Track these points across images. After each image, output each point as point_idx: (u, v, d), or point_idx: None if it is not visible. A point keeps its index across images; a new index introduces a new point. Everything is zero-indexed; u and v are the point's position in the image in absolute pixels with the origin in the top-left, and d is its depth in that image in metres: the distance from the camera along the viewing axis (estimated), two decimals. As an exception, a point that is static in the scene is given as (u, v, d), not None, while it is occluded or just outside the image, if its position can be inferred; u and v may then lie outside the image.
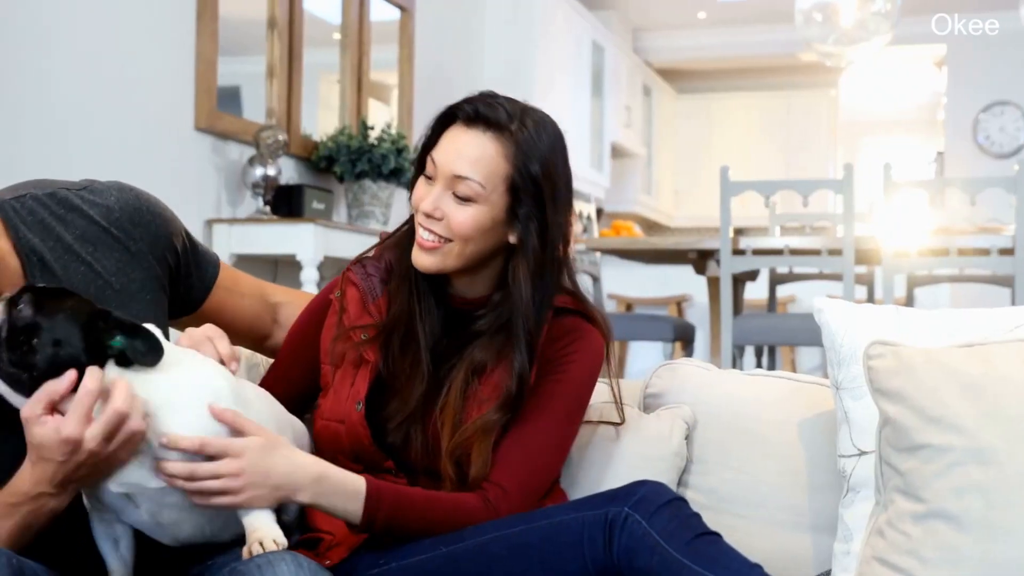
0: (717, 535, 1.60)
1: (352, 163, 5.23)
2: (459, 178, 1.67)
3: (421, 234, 1.71)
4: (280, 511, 1.62)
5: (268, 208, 4.68)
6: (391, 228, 1.86)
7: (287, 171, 5.06)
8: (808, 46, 6.37)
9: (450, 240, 1.69)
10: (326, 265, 4.76)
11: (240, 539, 1.54)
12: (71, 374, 1.42)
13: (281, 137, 4.74)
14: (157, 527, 1.55)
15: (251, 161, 4.68)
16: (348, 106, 5.71)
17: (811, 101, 11.23)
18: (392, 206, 5.50)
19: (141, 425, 1.44)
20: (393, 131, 5.51)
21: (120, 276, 1.66)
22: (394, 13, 6.24)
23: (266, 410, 1.67)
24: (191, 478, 1.48)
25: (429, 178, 1.72)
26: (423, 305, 1.77)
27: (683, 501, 1.62)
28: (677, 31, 10.50)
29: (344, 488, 1.59)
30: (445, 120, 1.74)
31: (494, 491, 1.67)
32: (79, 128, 3.87)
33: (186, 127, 4.41)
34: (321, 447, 1.76)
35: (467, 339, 1.76)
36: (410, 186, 1.78)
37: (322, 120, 5.68)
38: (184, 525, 1.56)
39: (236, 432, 1.52)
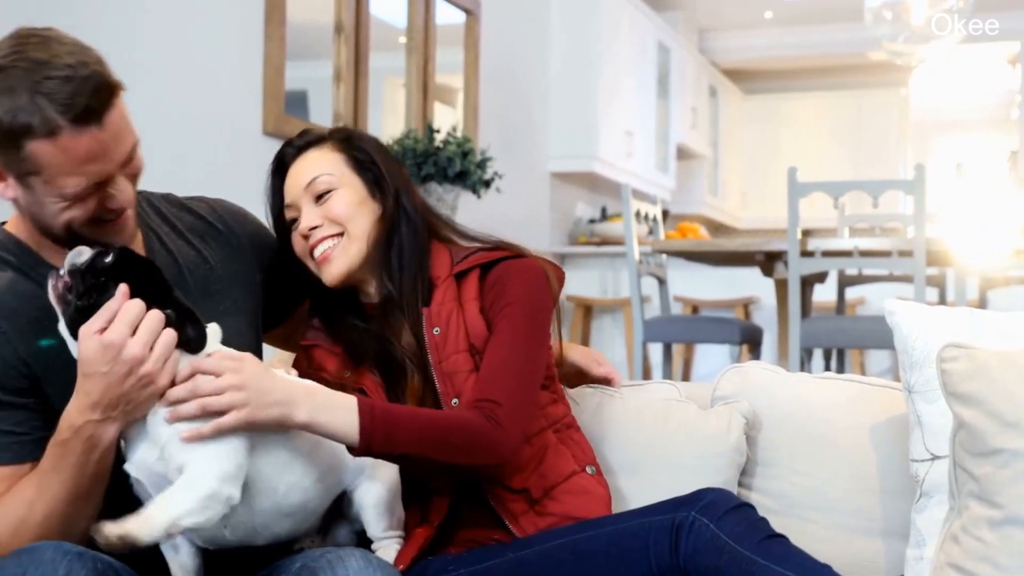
0: (785, 537, 1.59)
1: (418, 166, 5.25)
2: (311, 183, 1.81)
3: (317, 252, 1.81)
4: (343, 507, 1.65)
5: (335, 211, 4.72)
6: None
7: (354, 174, 5.09)
8: (878, 45, 6.29)
9: (340, 233, 1.80)
10: (392, 268, 4.79)
11: (278, 546, 1.59)
12: (124, 289, 1.50)
13: (348, 141, 4.78)
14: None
15: (318, 165, 4.72)
16: (414, 109, 5.74)
17: (881, 100, 11.08)
18: (458, 209, 5.52)
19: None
20: (459, 134, 5.52)
21: (224, 265, 1.79)
22: (459, 16, 6.26)
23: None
24: (195, 395, 1.50)
25: (295, 222, 1.84)
26: (354, 327, 1.86)
27: (750, 507, 1.62)
28: (743, 31, 10.42)
29: (337, 401, 1.59)
30: (277, 172, 1.88)
31: (486, 406, 1.68)
32: (150, 133, 3.91)
33: (254, 132, 4.46)
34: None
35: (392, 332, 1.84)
36: (291, 252, 1.87)
37: (388, 124, 5.72)
38: (227, 531, 1.57)
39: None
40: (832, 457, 1.92)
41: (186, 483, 1.47)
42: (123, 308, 1.48)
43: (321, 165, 1.83)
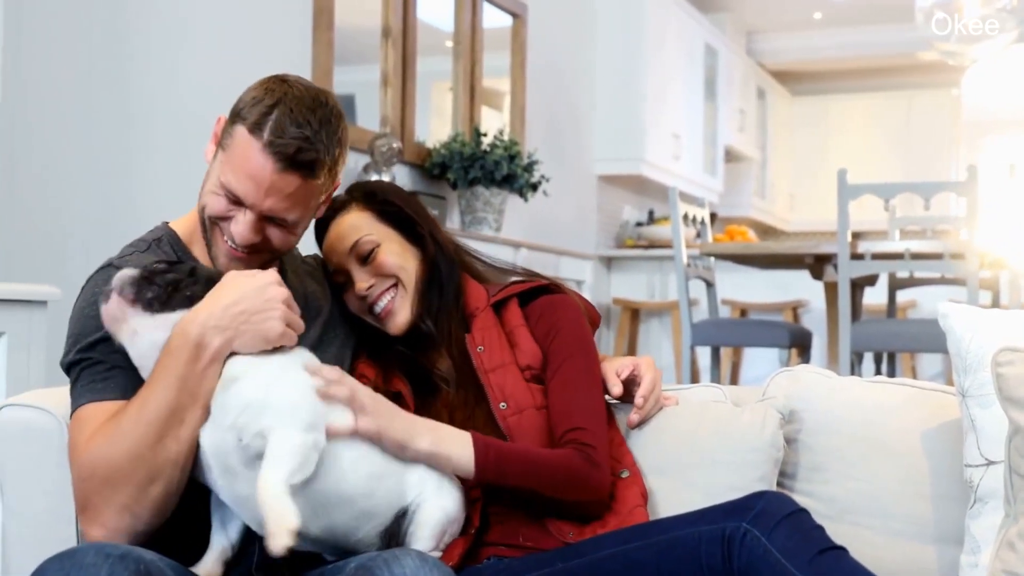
0: (842, 549, 1.57)
1: (465, 170, 5.27)
2: (355, 246, 1.89)
3: (377, 309, 1.89)
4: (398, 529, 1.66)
5: (382, 215, 4.73)
6: (504, 234, 2.00)
7: (401, 178, 5.11)
8: (929, 45, 6.22)
9: (395, 285, 1.89)
10: (439, 271, 4.80)
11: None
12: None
13: (395, 145, 4.80)
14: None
15: (366, 168, 4.75)
16: (461, 113, 5.75)
17: (932, 101, 10.97)
18: (504, 212, 5.52)
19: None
20: (506, 137, 5.53)
21: (332, 306, 1.93)
22: (506, 20, 6.27)
23: None
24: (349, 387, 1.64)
25: (346, 284, 1.91)
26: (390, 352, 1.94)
27: (805, 513, 1.59)
28: (792, 32, 10.35)
29: (455, 435, 1.72)
30: (320, 245, 1.95)
31: (584, 449, 1.77)
32: (199, 138, 3.95)
33: (303, 136, 4.48)
34: None
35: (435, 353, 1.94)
36: (344, 304, 1.95)
37: (435, 127, 5.74)
38: None
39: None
40: (884, 462, 1.90)
41: (279, 443, 1.53)
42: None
43: (358, 228, 1.90)
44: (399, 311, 1.89)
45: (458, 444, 1.71)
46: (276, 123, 1.65)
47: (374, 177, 4.71)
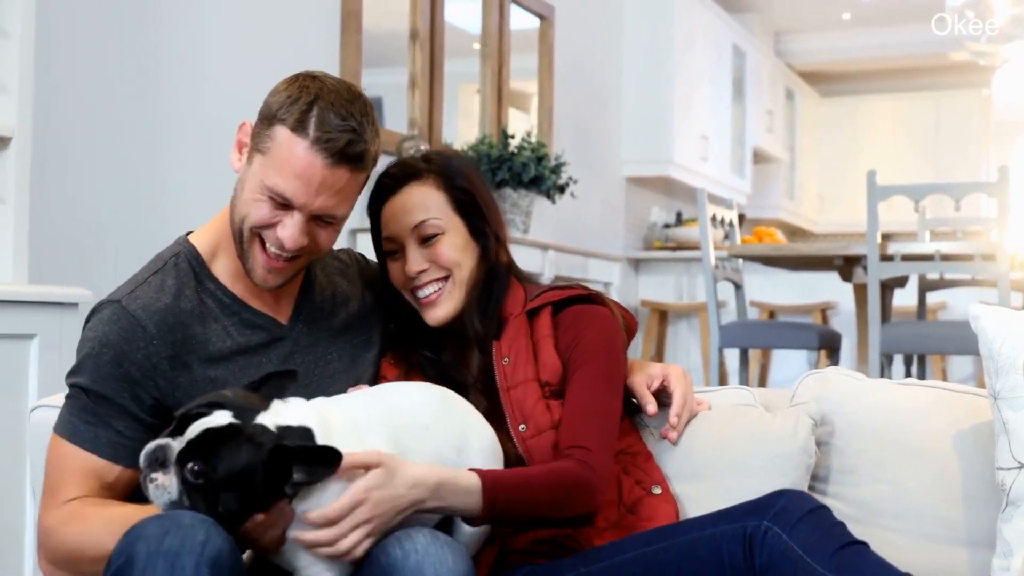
0: (863, 544, 1.56)
1: (493, 172, 5.27)
2: (419, 225, 1.83)
3: (422, 295, 1.85)
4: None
5: (410, 217, 4.74)
6: (531, 236, 1.97)
7: (429, 180, 5.12)
8: (959, 45, 6.18)
9: (446, 277, 1.83)
10: (467, 273, 4.81)
11: None
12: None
13: (423, 147, 4.81)
14: None
15: (394, 171, 4.76)
16: (488, 115, 5.75)
17: (962, 101, 10.89)
18: (532, 214, 5.52)
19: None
20: (533, 139, 5.53)
21: (362, 303, 1.93)
22: (533, 22, 6.28)
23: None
24: (335, 541, 1.50)
25: (395, 253, 1.86)
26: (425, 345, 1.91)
27: (825, 509, 1.59)
28: (820, 33, 10.31)
29: (461, 487, 1.60)
30: (376, 202, 1.88)
31: (578, 452, 1.72)
32: (227, 141, 3.97)
33: (331, 138, 4.50)
34: None
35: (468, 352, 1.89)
36: (382, 277, 1.92)
37: (463, 129, 5.74)
38: None
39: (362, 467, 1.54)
40: (915, 465, 1.89)
41: None
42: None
43: (427, 207, 1.84)
44: (442, 304, 1.84)
45: (463, 497, 1.60)
46: (319, 119, 1.63)
47: (402, 179, 4.71)
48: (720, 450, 1.91)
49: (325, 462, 1.47)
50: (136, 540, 1.38)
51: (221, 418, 1.45)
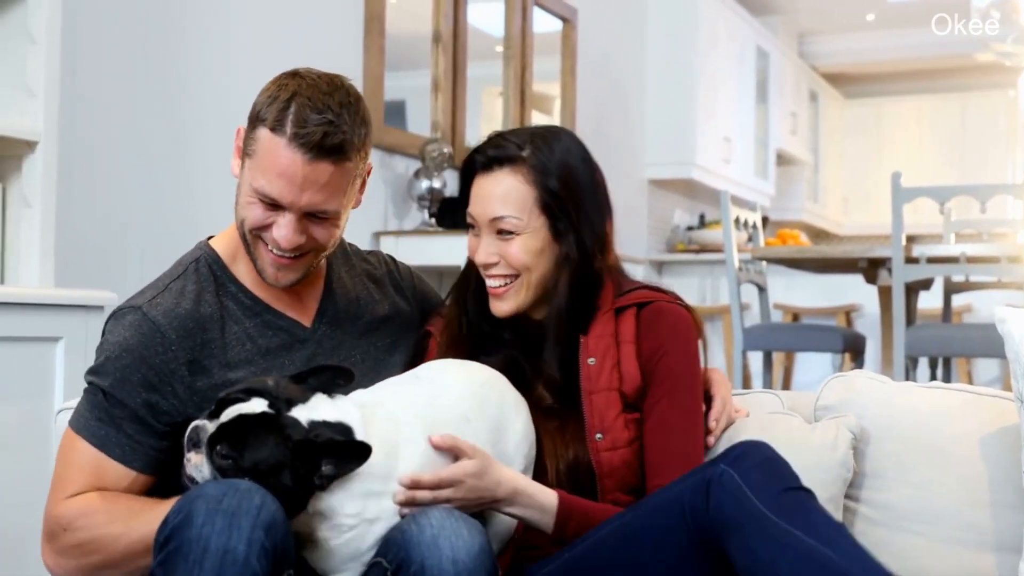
0: (808, 491, 1.58)
1: (515, 174, 5.27)
2: (496, 219, 1.78)
3: (490, 284, 1.82)
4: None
5: (433, 220, 4.75)
6: None
7: (452, 183, 5.12)
8: (985, 46, 6.15)
9: (516, 275, 1.79)
10: (490, 276, 4.81)
11: None
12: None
13: (446, 150, 4.81)
14: None
15: (417, 174, 4.76)
16: (511, 118, 5.75)
17: (987, 103, 10.82)
18: (555, 217, 5.52)
19: None
20: (556, 142, 5.52)
21: (389, 306, 1.93)
22: (556, 24, 6.27)
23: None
24: (421, 503, 1.56)
25: (474, 229, 1.83)
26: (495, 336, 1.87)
27: (784, 462, 1.59)
28: (844, 34, 10.26)
29: (538, 502, 1.66)
30: (467, 174, 1.84)
31: (655, 484, 1.71)
32: (253, 144, 3.99)
33: (354, 141, 4.51)
34: None
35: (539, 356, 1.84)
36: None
37: (486, 132, 5.72)
38: None
39: (455, 454, 1.60)
40: (941, 469, 1.88)
41: None
42: None
43: (508, 203, 1.78)
44: (507, 300, 1.81)
45: (538, 512, 1.66)
46: (296, 115, 1.63)
47: (424, 184, 4.72)
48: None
49: (355, 457, 1.50)
50: (196, 499, 1.42)
51: (256, 406, 1.48)
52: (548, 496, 1.66)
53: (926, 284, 5.15)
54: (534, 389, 1.81)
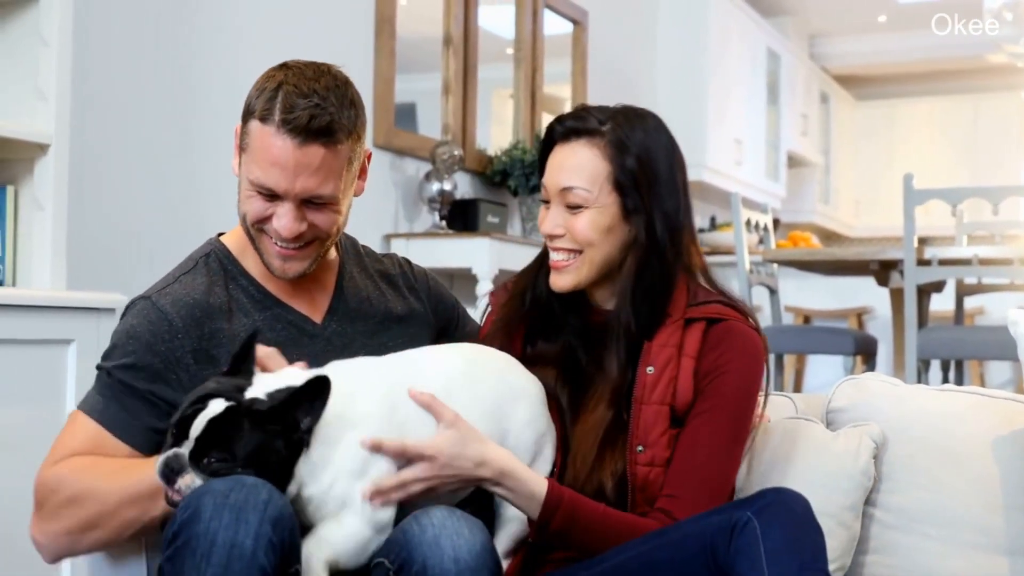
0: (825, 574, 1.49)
1: (526, 177, 5.27)
2: (566, 190, 1.72)
3: (552, 257, 1.77)
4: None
5: (444, 223, 4.75)
6: None
7: (462, 186, 5.13)
8: (997, 47, 6.13)
9: (579, 251, 1.73)
10: (501, 278, 4.80)
11: None
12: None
13: (456, 152, 4.81)
14: None
15: (427, 176, 4.77)
16: (522, 120, 5.75)
17: (1000, 104, 10.79)
18: (566, 219, 5.51)
19: None
20: (566, 144, 5.52)
21: (401, 307, 1.92)
22: (567, 26, 6.27)
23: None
24: (399, 486, 1.55)
25: (547, 203, 1.77)
26: (558, 324, 1.81)
27: (813, 525, 1.52)
28: (856, 36, 10.24)
29: (526, 487, 1.62)
30: (547, 144, 1.80)
31: (667, 502, 1.66)
32: (264, 147, 3.99)
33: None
34: None
35: (603, 350, 1.78)
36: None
37: (496, 135, 5.75)
38: None
39: (434, 415, 1.58)
40: (953, 471, 1.87)
41: (341, 526, 1.53)
42: None
43: (581, 174, 1.72)
44: (567, 275, 1.75)
45: (525, 497, 1.62)
46: (283, 102, 1.65)
47: (435, 186, 4.72)
48: (781, 468, 1.90)
49: (318, 394, 1.51)
50: (203, 495, 1.43)
51: (216, 406, 1.49)
52: (538, 483, 1.62)
53: (938, 286, 5.14)
54: (590, 385, 1.77)
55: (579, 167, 1.73)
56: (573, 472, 1.73)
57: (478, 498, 1.70)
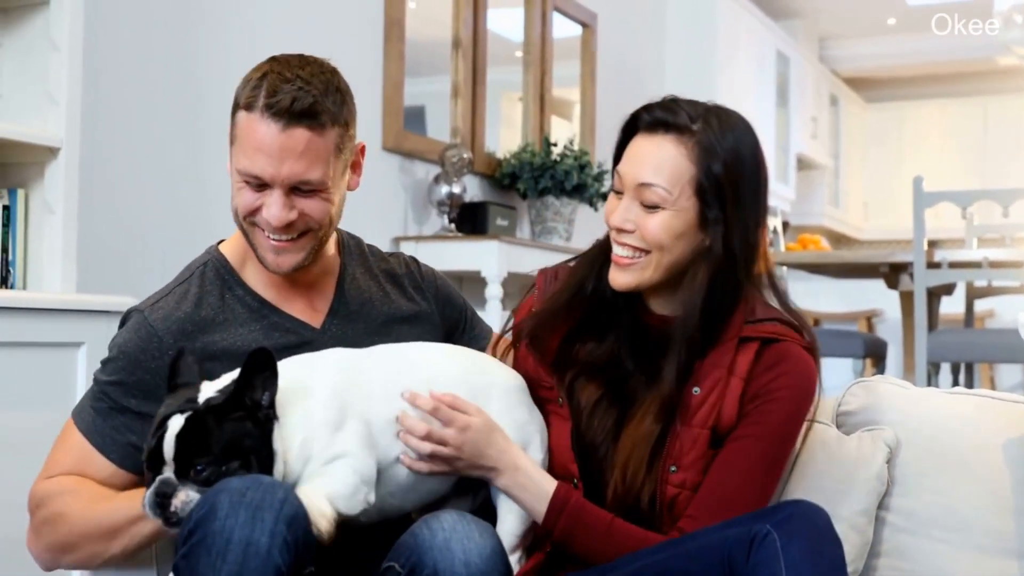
0: None
1: (535, 180, 5.27)
2: (644, 186, 1.63)
3: (616, 251, 1.68)
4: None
5: (453, 225, 4.76)
6: (574, 244, 1.87)
7: (471, 189, 5.13)
8: (1007, 49, 6.12)
9: (647, 251, 1.65)
10: (510, 281, 4.81)
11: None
12: None
13: (466, 155, 4.81)
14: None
15: (436, 179, 4.77)
16: (531, 123, 5.75)
17: (1010, 106, 10.76)
18: (575, 222, 5.51)
19: None
20: (576, 147, 5.52)
21: (407, 308, 1.91)
22: (576, 29, 6.27)
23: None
24: (426, 437, 1.59)
25: (619, 192, 1.69)
26: (612, 323, 1.75)
27: (831, 535, 1.49)
28: (865, 39, 10.23)
29: (535, 485, 1.63)
30: (628, 131, 1.71)
31: (688, 523, 1.62)
32: (273, 150, 4.00)
33: (374, 147, 4.52)
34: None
35: (658, 359, 1.69)
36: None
37: (505, 138, 5.75)
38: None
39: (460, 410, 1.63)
40: (963, 474, 1.86)
41: (330, 472, 1.55)
42: None
43: (663, 172, 1.62)
44: (628, 273, 1.67)
45: (533, 495, 1.63)
46: (268, 88, 1.65)
47: (444, 189, 4.72)
48: (796, 470, 1.89)
49: (263, 368, 1.53)
50: (219, 492, 1.43)
51: (176, 422, 1.51)
52: (547, 483, 1.63)
53: (948, 289, 5.13)
54: (637, 393, 1.70)
55: (661, 164, 1.62)
56: (617, 482, 1.67)
57: (484, 506, 1.71)
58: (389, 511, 1.67)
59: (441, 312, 1.96)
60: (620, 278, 1.68)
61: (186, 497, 1.49)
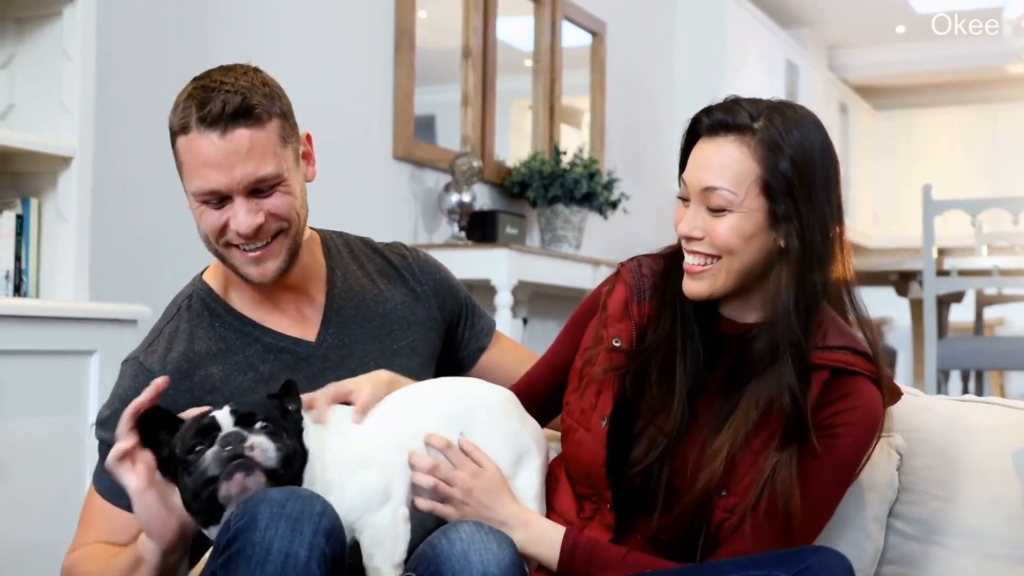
0: None
1: (545, 188, 5.28)
2: (709, 190, 1.57)
3: (687, 260, 1.62)
4: None
5: (463, 233, 4.77)
6: (583, 252, 1.84)
7: (481, 197, 5.14)
8: (1017, 57, 6.11)
9: (717, 257, 1.59)
10: (520, 289, 4.82)
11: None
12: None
13: (475, 164, 4.83)
14: None
15: (446, 188, 4.78)
16: (540, 132, 5.77)
17: (1019, 114, 10.74)
18: (584, 230, 5.52)
19: None
20: (585, 156, 5.53)
21: (405, 307, 1.89)
22: (585, 38, 6.29)
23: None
24: (432, 471, 1.59)
25: (685, 200, 1.64)
26: (687, 333, 1.67)
27: None
28: (874, 47, 10.22)
29: (546, 537, 1.62)
30: (690, 137, 1.66)
31: (728, 550, 1.57)
32: (284, 159, 4.01)
33: (385, 156, 4.54)
34: (565, 449, 1.73)
35: (737, 370, 1.63)
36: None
37: (515, 146, 5.76)
38: None
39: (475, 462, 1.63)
40: (973, 482, 1.86)
41: (374, 526, 1.55)
42: None
43: (726, 174, 1.56)
44: (701, 281, 1.61)
45: (546, 547, 1.61)
46: (197, 103, 1.64)
47: (454, 197, 4.73)
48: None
49: (289, 392, 1.58)
50: (259, 503, 1.43)
51: (221, 414, 1.52)
52: (556, 531, 1.62)
53: (958, 297, 5.13)
54: (735, 402, 1.61)
55: (724, 167, 1.56)
56: (688, 503, 1.60)
57: None
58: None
59: (441, 306, 1.94)
60: (693, 287, 1.62)
61: (261, 443, 1.48)
